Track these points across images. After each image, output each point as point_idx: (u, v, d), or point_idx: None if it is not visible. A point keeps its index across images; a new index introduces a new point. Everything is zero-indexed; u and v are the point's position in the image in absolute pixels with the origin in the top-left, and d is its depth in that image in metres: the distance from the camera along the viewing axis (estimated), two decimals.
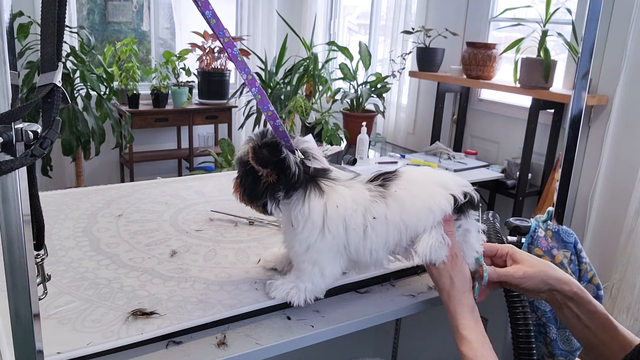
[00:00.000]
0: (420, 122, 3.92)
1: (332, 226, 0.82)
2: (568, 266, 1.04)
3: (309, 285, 0.86)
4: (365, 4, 4.55)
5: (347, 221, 0.82)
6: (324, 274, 0.85)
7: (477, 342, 0.77)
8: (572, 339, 1.04)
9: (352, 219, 0.82)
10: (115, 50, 4.03)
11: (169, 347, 0.76)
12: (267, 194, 0.83)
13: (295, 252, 0.85)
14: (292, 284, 0.86)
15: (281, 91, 3.72)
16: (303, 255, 0.84)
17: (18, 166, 0.46)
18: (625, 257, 2.55)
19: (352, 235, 0.82)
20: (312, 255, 0.84)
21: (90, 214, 1.21)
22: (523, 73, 2.84)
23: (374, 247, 0.84)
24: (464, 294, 0.82)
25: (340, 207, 0.82)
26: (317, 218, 0.81)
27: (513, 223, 1.11)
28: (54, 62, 0.50)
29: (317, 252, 0.83)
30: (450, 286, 0.82)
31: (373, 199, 0.83)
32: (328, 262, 0.84)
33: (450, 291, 0.82)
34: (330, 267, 0.85)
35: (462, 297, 0.82)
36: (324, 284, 0.87)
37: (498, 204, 3.33)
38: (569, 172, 1.11)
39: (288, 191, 0.82)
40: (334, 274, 0.86)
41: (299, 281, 0.86)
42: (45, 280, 0.62)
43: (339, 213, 0.82)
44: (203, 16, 0.78)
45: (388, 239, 0.84)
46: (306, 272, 0.85)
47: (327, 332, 0.83)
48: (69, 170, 4.06)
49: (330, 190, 0.83)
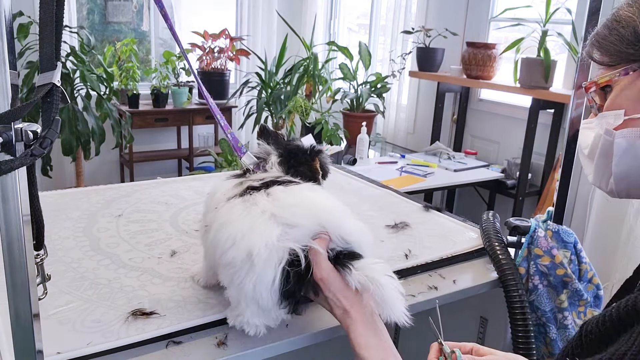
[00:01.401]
0: (420, 122, 3.92)
1: (202, 216, 0.86)
2: (568, 266, 1.04)
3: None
4: (365, 4, 4.55)
5: (203, 216, 0.85)
6: (202, 258, 0.90)
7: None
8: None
9: (205, 216, 0.83)
10: (115, 50, 4.03)
11: (169, 347, 0.76)
12: None
13: None
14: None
15: (281, 91, 3.72)
16: None
17: (18, 166, 0.46)
18: (625, 257, 2.55)
19: (202, 232, 0.84)
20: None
21: (90, 214, 1.21)
22: (523, 73, 2.84)
23: (207, 255, 0.83)
24: (352, 310, 0.72)
25: (209, 194, 0.85)
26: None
27: (513, 223, 1.11)
28: (53, 61, 0.50)
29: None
30: (334, 308, 0.74)
31: (217, 208, 0.78)
32: (203, 253, 0.88)
33: (335, 313, 0.74)
34: (203, 260, 0.88)
35: (349, 314, 0.72)
36: (203, 274, 0.89)
37: (498, 204, 3.33)
38: (569, 172, 1.11)
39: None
40: (203, 267, 0.89)
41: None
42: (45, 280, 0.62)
43: (207, 204, 0.85)
44: None
45: (209, 254, 0.79)
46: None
47: (327, 332, 0.83)
48: (69, 170, 4.05)
49: (223, 180, 0.85)
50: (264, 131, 0.93)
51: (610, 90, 0.69)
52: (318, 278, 0.72)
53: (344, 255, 0.74)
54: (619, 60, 0.67)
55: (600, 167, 0.71)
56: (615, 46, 0.67)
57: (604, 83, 0.69)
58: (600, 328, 0.59)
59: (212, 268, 0.85)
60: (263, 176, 0.82)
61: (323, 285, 0.72)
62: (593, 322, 0.61)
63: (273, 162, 0.86)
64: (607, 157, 0.69)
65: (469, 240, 1.17)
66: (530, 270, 1.05)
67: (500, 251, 1.06)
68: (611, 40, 0.67)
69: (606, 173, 0.70)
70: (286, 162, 0.87)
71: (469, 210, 3.58)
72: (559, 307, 1.05)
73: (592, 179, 0.73)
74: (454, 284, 1.01)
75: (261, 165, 0.87)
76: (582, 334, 0.62)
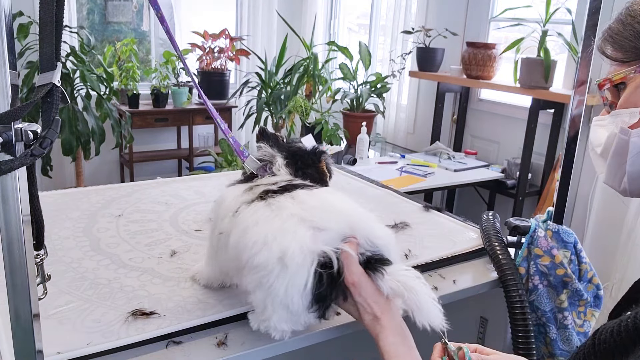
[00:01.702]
0: (420, 122, 3.92)
1: (212, 224, 0.86)
2: (568, 266, 1.04)
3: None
4: (365, 4, 4.55)
5: (214, 224, 0.84)
6: (205, 263, 0.90)
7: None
8: (572, 338, 1.04)
9: (217, 224, 0.82)
10: (115, 50, 4.03)
11: (169, 347, 0.76)
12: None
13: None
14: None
15: (281, 91, 3.72)
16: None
17: (18, 166, 0.46)
18: (625, 257, 2.55)
19: (214, 240, 0.82)
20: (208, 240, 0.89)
21: (90, 214, 1.21)
22: (523, 73, 2.84)
23: (222, 261, 0.81)
24: (383, 316, 0.71)
25: (216, 202, 0.84)
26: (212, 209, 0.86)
27: (513, 223, 1.11)
28: (53, 61, 0.50)
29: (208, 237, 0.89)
30: (363, 313, 0.73)
31: (232, 212, 0.77)
32: (207, 257, 0.88)
33: (364, 319, 0.73)
34: (209, 260, 0.88)
35: (380, 320, 0.71)
36: (205, 274, 0.90)
37: (498, 204, 3.33)
38: (569, 172, 1.11)
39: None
40: (207, 271, 0.89)
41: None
42: (45, 280, 0.62)
43: (213, 208, 0.85)
44: None
45: (229, 259, 0.77)
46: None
47: (327, 332, 0.83)
48: (69, 170, 4.05)
49: (228, 187, 0.85)
50: (264, 133, 0.92)
51: (624, 88, 0.68)
52: (349, 282, 0.71)
53: (375, 260, 0.73)
54: (634, 56, 0.66)
55: (614, 166, 0.70)
56: (630, 42, 0.65)
57: (618, 80, 0.68)
58: (615, 338, 0.58)
59: (225, 273, 0.84)
60: (276, 180, 0.81)
61: (354, 289, 0.71)
62: (607, 331, 0.59)
63: (280, 165, 0.85)
64: (622, 156, 0.68)
65: (469, 240, 1.17)
66: (530, 270, 1.05)
67: (500, 251, 1.06)
68: (625, 35, 0.66)
69: (619, 172, 0.69)
70: (293, 164, 0.86)
71: (469, 210, 3.58)
72: (559, 307, 1.05)
73: (605, 177, 0.72)
74: (454, 284, 1.01)
75: (267, 168, 0.86)
76: (595, 342, 0.61)
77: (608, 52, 0.69)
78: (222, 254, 0.80)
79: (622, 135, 0.67)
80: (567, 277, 1.03)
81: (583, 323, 1.06)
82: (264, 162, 0.86)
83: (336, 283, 0.70)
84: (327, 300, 0.72)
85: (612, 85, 0.69)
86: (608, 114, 0.71)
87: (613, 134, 0.69)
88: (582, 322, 1.06)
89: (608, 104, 0.71)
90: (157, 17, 0.78)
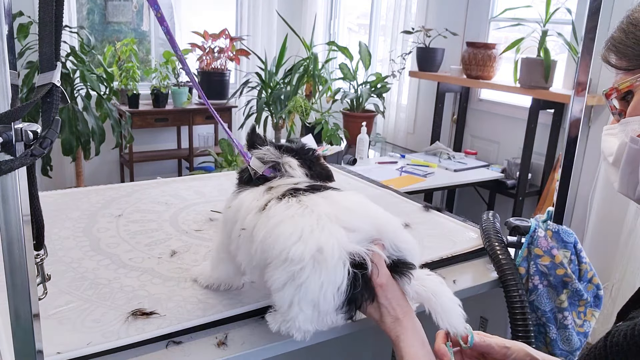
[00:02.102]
0: (420, 122, 3.92)
1: (223, 225, 0.85)
2: (568, 266, 1.04)
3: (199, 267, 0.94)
4: (365, 4, 4.55)
5: (229, 225, 0.82)
6: (212, 266, 0.89)
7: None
8: (572, 338, 1.04)
9: (234, 224, 0.80)
10: (115, 50, 4.03)
11: (169, 347, 0.76)
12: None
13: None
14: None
15: (281, 91, 3.72)
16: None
17: (18, 166, 0.46)
18: (625, 257, 2.55)
19: (234, 241, 0.81)
20: (215, 244, 0.90)
21: (90, 214, 1.21)
22: (523, 73, 2.84)
23: (243, 259, 0.80)
24: (405, 318, 0.72)
25: (232, 208, 0.83)
26: (223, 213, 0.86)
27: (513, 223, 1.11)
28: (53, 61, 0.50)
29: (216, 242, 0.89)
30: (385, 315, 0.73)
31: (256, 209, 0.76)
32: (216, 252, 0.88)
33: (385, 321, 0.74)
34: (217, 263, 0.88)
35: (402, 322, 0.72)
36: (211, 278, 0.89)
37: (498, 204, 3.33)
38: (569, 172, 1.11)
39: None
40: (215, 274, 0.88)
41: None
42: (45, 280, 0.62)
43: (227, 215, 0.84)
44: None
45: (250, 256, 0.76)
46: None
47: (327, 332, 0.83)
48: (69, 170, 4.06)
49: (240, 193, 0.83)
50: (254, 132, 0.92)
51: (632, 96, 0.68)
52: (378, 284, 0.71)
53: (402, 264, 0.74)
54: (639, 64, 0.66)
55: (626, 175, 0.69)
56: (634, 50, 0.66)
57: (625, 89, 0.68)
58: (629, 341, 0.58)
59: (240, 273, 0.85)
60: (297, 180, 0.81)
61: (381, 291, 0.71)
62: (620, 334, 0.59)
63: (294, 166, 0.84)
64: (634, 165, 0.68)
65: (469, 240, 1.17)
66: (530, 270, 1.05)
67: (500, 251, 1.06)
68: (628, 44, 0.66)
69: (632, 181, 0.69)
70: (306, 164, 0.86)
71: (469, 210, 3.58)
72: (559, 307, 1.05)
73: (618, 187, 0.71)
74: (454, 284, 1.01)
75: (282, 168, 0.84)
76: (607, 344, 0.60)
77: (612, 61, 0.70)
78: (243, 251, 0.78)
79: (632, 145, 0.67)
80: (567, 277, 1.03)
81: (583, 323, 1.06)
82: (267, 162, 0.85)
83: (368, 284, 0.71)
84: (359, 302, 0.71)
85: (619, 95, 0.69)
86: (618, 122, 0.71)
87: (624, 143, 0.69)
88: (582, 322, 1.06)
89: (617, 112, 0.71)
90: (157, 17, 0.78)
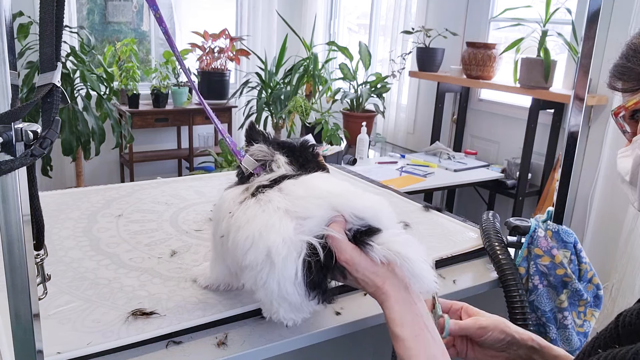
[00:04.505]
0: (420, 122, 3.93)
1: (212, 224, 0.85)
2: (568, 266, 1.04)
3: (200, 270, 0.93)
4: (365, 4, 4.55)
5: (213, 225, 0.83)
6: (211, 266, 0.89)
7: (411, 339, 0.68)
8: (572, 338, 1.04)
9: (217, 227, 0.81)
10: (115, 50, 4.03)
11: (169, 347, 0.76)
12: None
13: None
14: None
15: (281, 91, 3.72)
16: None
17: (18, 166, 0.46)
18: (625, 257, 2.55)
19: (218, 244, 0.81)
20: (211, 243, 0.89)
21: (90, 214, 1.21)
22: (523, 73, 2.85)
23: (230, 264, 0.80)
24: (385, 285, 0.71)
25: (215, 207, 0.83)
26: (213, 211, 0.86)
27: (513, 223, 1.11)
28: (53, 62, 0.50)
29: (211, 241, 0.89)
30: (366, 287, 0.73)
31: (230, 215, 0.77)
32: (213, 260, 0.87)
33: (368, 291, 0.73)
34: (214, 263, 0.87)
35: (382, 289, 0.71)
36: (211, 278, 0.89)
37: (498, 204, 3.33)
38: (569, 172, 1.11)
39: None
40: (214, 275, 0.88)
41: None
42: (45, 280, 0.62)
43: (213, 215, 0.84)
44: None
45: (233, 261, 0.77)
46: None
47: (327, 332, 0.83)
48: (69, 170, 4.06)
49: (225, 191, 0.83)
50: (253, 129, 0.92)
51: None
52: (342, 261, 0.71)
53: (362, 233, 0.73)
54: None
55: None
56: (638, 70, 0.67)
57: (632, 107, 0.68)
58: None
59: (234, 274, 0.85)
60: (270, 176, 0.81)
61: (349, 267, 0.71)
62: (633, 314, 0.59)
63: (281, 163, 0.85)
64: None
65: (469, 240, 1.17)
66: (530, 270, 1.05)
67: (500, 251, 1.06)
68: (633, 68, 0.67)
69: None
70: (296, 161, 0.86)
71: (469, 210, 3.58)
72: (559, 307, 1.05)
73: (638, 205, 0.71)
74: (454, 284, 1.01)
75: (267, 166, 0.85)
76: (618, 325, 0.60)
77: (619, 86, 0.71)
78: (227, 257, 0.80)
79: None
80: (567, 277, 1.03)
81: (583, 323, 1.06)
82: (261, 161, 0.85)
83: (329, 267, 0.71)
84: (323, 285, 0.72)
85: (628, 114, 0.70)
86: (630, 143, 0.72)
87: (638, 157, 0.69)
88: (582, 322, 1.06)
89: (629, 134, 0.72)
90: (155, 18, 0.78)
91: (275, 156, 0.85)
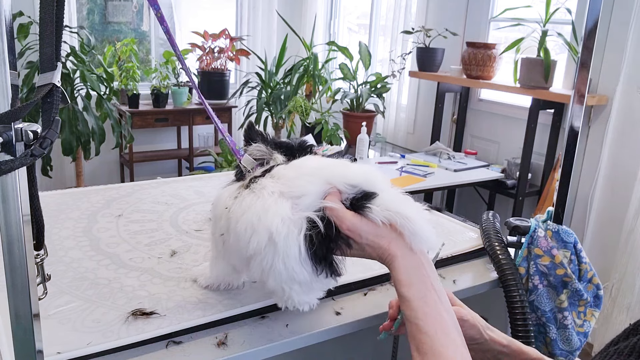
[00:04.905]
0: (420, 122, 3.93)
1: (211, 222, 0.85)
2: (568, 266, 1.04)
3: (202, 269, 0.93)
4: (365, 4, 4.55)
5: (212, 223, 0.83)
6: (211, 265, 0.89)
7: (417, 300, 0.67)
8: (572, 338, 1.04)
9: (216, 226, 0.81)
10: (115, 50, 4.03)
11: (169, 347, 0.76)
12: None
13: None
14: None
15: (281, 91, 3.72)
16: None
17: (18, 166, 0.46)
18: (625, 257, 2.55)
19: (219, 242, 0.82)
20: (211, 241, 0.88)
21: (90, 214, 1.21)
22: (523, 73, 2.84)
23: (233, 260, 0.81)
24: (391, 246, 0.70)
25: (213, 209, 0.83)
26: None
27: (513, 223, 1.11)
28: (53, 62, 0.50)
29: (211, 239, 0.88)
30: (373, 252, 0.72)
31: (227, 211, 0.77)
32: (213, 259, 0.87)
33: (377, 256, 0.72)
34: (215, 261, 0.87)
35: (389, 250, 0.70)
36: (210, 279, 0.89)
37: (498, 204, 3.33)
38: (569, 172, 1.11)
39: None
40: (215, 273, 0.88)
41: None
42: (45, 280, 0.62)
43: (213, 214, 0.84)
44: None
45: (237, 257, 0.78)
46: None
47: (327, 332, 0.83)
48: (69, 170, 4.06)
49: (223, 189, 0.84)
50: (252, 129, 0.92)
51: None
52: (345, 230, 0.70)
53: (358, 199, 0.73)
54: None
55: None
56: None
57: None
58: None
59: (238, 271, 0.86)
60: (264, 168, 0.82)
61: (353, 234, 0.71)
62: None
63: (279, 162, 0.85)
64: None
65: (469, 240, 1.17)
66: (530, 270, 1.05)
67: (500, 251, 1.06)
68: None
69: None
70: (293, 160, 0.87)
71: (469, 210, 3.58)
72: (559, 307, 1.05)
73: None
74: (454, 284, 1.01)
75: (264, 165, 0.86)
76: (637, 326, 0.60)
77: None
78: (230, 254, 0.81)
79: None
80: (567, 277, 1.03)
81: (583, 323, 1.06)
82: (259, 160, 0.86)
83: (331, 238, 0.71)
84: (328, 257, 0.72)
85: None
86: None
87: None
88: (582, 322, 1.07)
89: None
90: (157, 17, 0.77)
91: (273, 155, 0.85)
